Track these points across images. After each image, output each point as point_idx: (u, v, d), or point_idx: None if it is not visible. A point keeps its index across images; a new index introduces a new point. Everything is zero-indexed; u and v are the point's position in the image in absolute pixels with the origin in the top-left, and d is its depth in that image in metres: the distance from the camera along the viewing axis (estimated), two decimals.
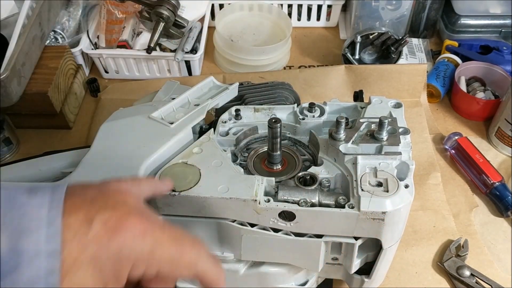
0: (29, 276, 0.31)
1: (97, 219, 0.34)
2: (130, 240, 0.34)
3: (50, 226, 0.32)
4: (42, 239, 0.32)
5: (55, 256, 0.32)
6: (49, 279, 0.31)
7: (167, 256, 0.36)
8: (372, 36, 1.02)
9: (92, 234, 0.33)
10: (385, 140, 0.54)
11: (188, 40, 1.01)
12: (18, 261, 0.31)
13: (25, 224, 0.32)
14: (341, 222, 0.50)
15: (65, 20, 1.02)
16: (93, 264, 0.33)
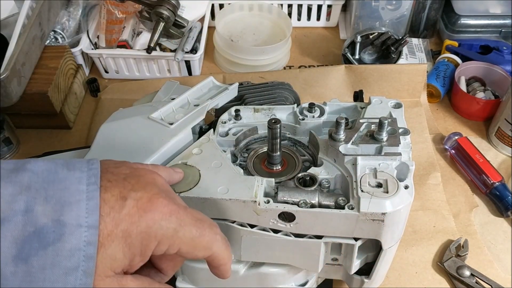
0: (71, 246, 0.33)
1: (131, 198, 0.36)
2: (158, 220, 0.37)
3: (90, 200, 0.35)
4: (82, 212, 0.34)
5: (94, 229, 0.34)
6: (87, 250, 0.34)
7: (189, 236, 0.38)
8: (372, 36, 1.02)
9: (126, 211, 0.36)
10: (385, 140, 0.53)
11: (188, 40, 1.01)
12: (62, 232, 0.33)
13: (67, 198, 0.34)
14: (341, 223, 0.50)
15: (65, 20, 1.02)
16: (124, 239, 0.35)
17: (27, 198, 0.33)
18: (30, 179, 0.35)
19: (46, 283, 0.33)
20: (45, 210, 0.34)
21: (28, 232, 0.33)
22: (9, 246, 0.32)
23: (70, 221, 0.34)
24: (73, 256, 0.33)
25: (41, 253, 0.33)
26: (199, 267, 0.61)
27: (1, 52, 0.82)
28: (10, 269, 0.32)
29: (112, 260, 0.35)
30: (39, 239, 0.33)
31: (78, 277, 0.34)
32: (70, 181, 0.35)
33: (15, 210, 0.33)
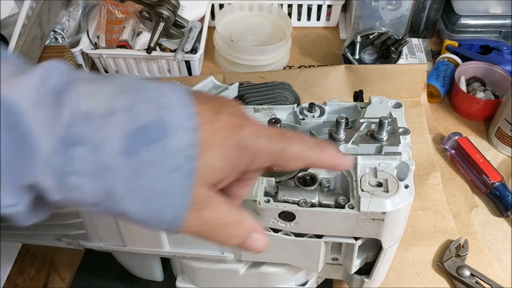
0: (174, 146, 0.34)
1: (224, 112, 0.37)
2: (251, 134, 0.37)
3: (186, 107, 0.35)
4: (181, 116, 0.34)
5: (194, 132, 0.35)
6: (190, 151, 0.34)
7: (279, 149, 0.39)
8: (372, 36, 1.02)
9: (220, 124, 0.36)
10: (385, 140, 0.53)
11: (188, 40, 1.01)
12: (165, 132, 0.34)
13: (164, 102, 0.35)
14: (341, 223, 0.50)
15: (65, 20, 1.02)
16: (221, 149, 0.36)
17: (127, 97, 0.34)
18: (125, 82, 0.35)
19: (152, 179, 0.34)
20: (147, 110, 0.34)
21: (133, 127, 0.33)
22: (115, 139, 0.33)
23: (172, 122, 0.34)
24: (176, 155, 0.34)
25: (148, 148, 0.33)
26: (200, 266, 0.62)
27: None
28: (117, 161, 0.33)
29: (211, 168, 0.36)
30: (144, 135, 0.33)
31: (180, 177, 0.34)
32: (163, 90, 0.36)
33: (118, 106, 0.33)
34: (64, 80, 0.33)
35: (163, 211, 0.35)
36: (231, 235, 0.40)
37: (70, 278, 0.75)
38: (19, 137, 0.31)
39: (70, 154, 0.32)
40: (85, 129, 0.32)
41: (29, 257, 0.77)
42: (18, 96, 0.31)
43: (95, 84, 0.34)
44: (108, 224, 0.58)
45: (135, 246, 0.60)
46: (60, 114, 0.32)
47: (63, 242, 0.66)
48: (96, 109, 0.33)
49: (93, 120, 0.32)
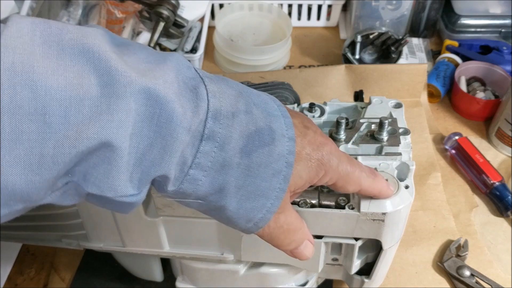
0: (278, 151, 0.37)
1: (311, 129, 0.40)
2: (328, 152, 0.40)
3: (285, 118, 0.38)
4: (283, 125, 0.38)
5: (293, 141, 0.38)
6: (289, 158, 0.37)
7: (345, 172, 0.42)
8: (372, 36, 1.02)
9: (308, 138, 0.39)
10: (385, 140, 0.53)
11: (188, 40, 1.01)
12: (273, 137, 0.37)
13: (269, 110, 0.38)
14: (341, 223, 0.50)
15: (65, 20, 1.02)
16: (307, 162, 0.39)
17: (244, 100, 0.36)
18: (238, 86, 0.37)
19: (257, 180, 0.36)
20: (259, 115, 0.37)
21: (251, 130, 0.36)
22: (238, 139, 0.35)
23: (277, 129, 0.37)
24: (279, 160, 0.37)
25: (260, 151, 0.36)
26: (200, 267, 0.62)
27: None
28: (236, 160, 0.35)
29: (298, 177, 0.39)
30: (259, 138, 0.36)
31: (279, 181, 0.37)
32: (264, 97, 0.39)
33: (240, 109, 0.36)
34: (193, 75, 0.35)
35: (257, 210, 0.38)
36: (292, 240, 0.43)
37: (70, 278, 0.75)
38: (160, 127, 0.32)
39: (199, 148, 0.34)
40: (216, 126, 0.34)
41: (29, 257, 0.77)
42: (163, 87, 0.32)
43: (218, 84, 0.36)
44: (108, 224, 0.58)
45: (135, 247, 0.60)
46: (198, 107, 0.33)
47: (63, 242, 0.66)
48: (225, 109, 0.35)
49: (223, 119, 0.34)
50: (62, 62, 0.29)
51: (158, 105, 0.32)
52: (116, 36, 0.34)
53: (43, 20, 0.30)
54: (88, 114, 0.29)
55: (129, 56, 0.32)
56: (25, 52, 0.28)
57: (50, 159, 0.28)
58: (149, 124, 0.32)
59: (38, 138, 0.28)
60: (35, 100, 0.27)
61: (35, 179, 0.29)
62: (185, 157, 0.34)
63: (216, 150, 0.34)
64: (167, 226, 0.56)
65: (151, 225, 0.55)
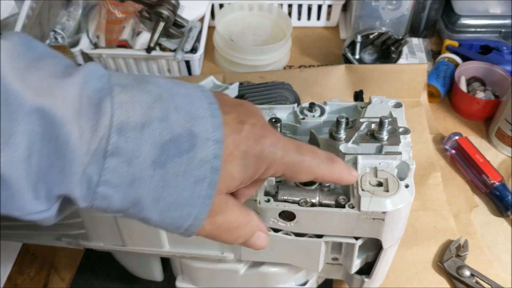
0: (201, 157, 0.35)
1: (247, 122, 0.38)
2: (269, 145, 0.38)
3: (214, 117, 0.36)
4: (209, 127, 0.35)
5: (219, 143, 0.36)
6: (214, 163, 0.35)
7: (292, 162, 0.40)
8: (372, 36, 1.02)
9: (244, 134, 0.37)
10: (385, 140, 0.53)
11: (188, 40, 1.01)
12: (194, 142, 0.35)
13: (194, 111, 0.35)
14: (341, 222, 0.50)
15: (65, 20, 1.02)
16: (242, 160, 0.37)
17: (161, 106, 0.34)
18: (159, 89, 0.35)
19: (177, 190, 0.35)
20: (179, 120, 0.34)
21: (166, 139, 0.34)
22: (149, 151, 0.33)
23: (200, 133, 0.35)
24: (202, 167, 0.35)
25: (177, 160, 0.34)
26: (199, 266, 0.61)
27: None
28: (148, 173, 0.34)
29: (230, 178, 0.37)
30: (175, 147, 0.34)
31: (204, 188, 0.35)
32: (193, 97, 0.36)
33: (153, 117, 0.34)
34: (102, 86, 0.33)
35: (183, 219, 0.36)
36: (238, 236, 0.41)
37: (70, 278, 0.75)
38: (58, 148, 0.31)
39: (104, 165, 0.32)
40: (121, 140, 0.32)
41: (29, 257, 0.77)
42: (61, 107, 0.31)
43: (131, 91, 0.34)
44: (108, 223, 0.58)
45: (135, 246, 0.60)
46: (98, 125, 0.32)
47: (63, 241, 0.66)
48: (132, 120, 0.33)
49: (129, 132, 0.33)
50: None
51: (55, 126, 0.31)
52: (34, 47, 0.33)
53: None
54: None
55: (34, 72, 0.31)
56: None
57: None
58: (48, 144, 0.31)
59: None
60: None
61: None
62: (90, 176, 0.32)
63: (123, 165, 0.33)
64: None
65: None
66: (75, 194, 0.33)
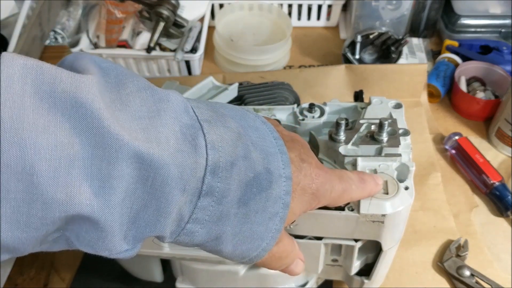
0: (276, 194, 0.36)
1: (306, 161, 0.40)
2: (323, 183, 0.40)
3: (282, 154, 0.37)
4: (280, 164, 0.37)
5: (290, 180, 0.37)
6: (286, 199, 0.37)
7: (336, 195, 0.42)
8: (372, 36, 1.02)
9: (304, 172, 0.39)
10: (385, 141, 0.53)
11: (188, 40, 1.01)
12: (271, 180, 0.36)
13: (267, 147, 0.37)
14: (340, 225, 0.50)
15: (65, 20, 1.02)
16: (301, 196, 0.39)
17: (242, 144, 0.35)
18: (236, 124, 0.36)
19: (254, 225, 0.36)
20: (258, 157, 0.35)
21: (249, 177, 0.35)
22: (236, 189, 0.34)
23: (274, 170, 0.36)
24: (276, 203, 0.36)
25: (258, 197, 0.35)
26: (199, 268, 0.62)
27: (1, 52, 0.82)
28: (234, 210, 0.34)
29: (292, 213, 0.38)
30: (257, 185, 0.35)
31: (275, 223, 0.37)
32: (262, 131, 0.37)
33: (238, 155, 0.34)
34: (192, 122, 0.33)
35: (252, 250, 0.37)
36: (283, 263, 0.43)
37: (70, 278, 0.75)
38: (154, 190, 0.31)
39: (197, 204, 0.33)
40: (214, 180, 0.33)
41: (29, 257, 0.77)
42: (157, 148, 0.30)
43: (217, 129, 0.34)
44: None
45: None
46: (196, 165, 0.32)
47: None
48: (224, 160, 0.33)
49: (221, 171, 0.33)
50: (53, 119, 0.27)
51: (152, 169, 0.30)
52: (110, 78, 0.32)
53: (35, 63, 0.28)
54: (79, 176, 0.28)
55: (122, 111, 0.30)
56: (15, 106, 0.26)
57: (38, 220, 0.28)
58: (143, 186, 0.30)
59: (25, 198, 0.27)
60: (23, 159, 0.26)
61: (22, 236, 0.28)
62: (182, 214, 0.33)
63: (214, 204, 0.33)
64: None
65: None
66: (166, 233, 0.33)
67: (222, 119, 0.35)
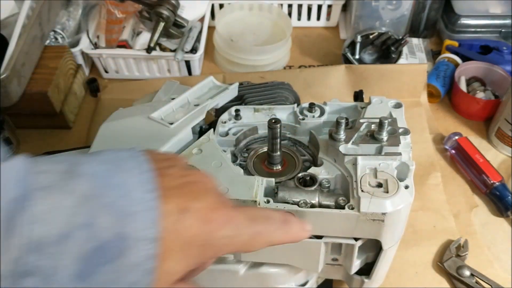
0: (133, 261, 0.31)
1: (192, 209, 0.35)
2: (217, 230, 0.36)
3: (149, 211, 0.32)
4: (143, 224, 0.32)
5: (154, 242, 0.32)
6: (147, 265, 0.32)
7: (245, 240, 0.38)
8: (372, 36, 1.02)
9: (187, 223, 0.34)
10: (385, 140, 0.53)
11: (188, 40, 1.01)
12: (124, 246, 0.31)
13: (127, 207, 0.32)
14: (341, 223, 0.50)
15: (65, 20, 1.02)
16: (184, 252, 0.34)
17: (86, 209, 0.31)
18: (89, 186, 0.31)
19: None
20: (107, 222, 0.31)
21: (91, 248, 0.30)
22: (70, 264, 0.30)
23: (132, 233, 0.31)
24: (134, 271, 0.32)
25: (104, 269, 0.31)
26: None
27: (1, 52, 0.82)
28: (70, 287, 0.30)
29: (171, 274, 0.34)
30: (102, 255, 0.30)
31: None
32: (127, 187, 0.33)
33: (76, 224, 0.30)
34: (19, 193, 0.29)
35: None
36: None
37: None
38: None
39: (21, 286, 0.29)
40: (37, 259, 0.29)
41: None
42: None
43: (53, 196, 0.30)
44: None
45: None
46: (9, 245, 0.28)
47: None
48: (51, 234, 0.29)
49: (46, 248, 0.29)
50: None
51: None
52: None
53: None
54: None
55: None
56: None
57: None
58: None
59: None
60: None
61: None
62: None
63: (41, 284, 0.29)
64: None
65: None
66: None
67: (71, 182, 0.31)
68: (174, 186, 0.36)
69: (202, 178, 0.39)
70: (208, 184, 0.39)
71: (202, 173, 0.40)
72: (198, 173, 0.40)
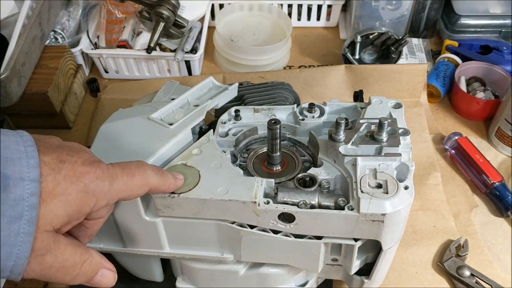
0: (15, 196, 0.36)
1: (68, 161, 0.40)
2: (93, 179, 0.40)
3: (30, 159, 0.37)
4: (24, 168, 0.37)
5: (36, 182, 0.37)
6: (31, 200, 0.36)
7: (123, 184, 0.43)
8: (372, 36, 1.02)
9: (64, 172, 0.39)
10: (385, 141, 0.53)
11: (188, 40, 1.01)
12: (6, 184, 0.36)
13: (8, 155, 0.37)
14: (340, 224, 0.50)
15: (65, 20, 1.02)
16: (65, 197, 0.39)
17: None
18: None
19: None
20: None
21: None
22: None
23: (13, 174, 0.36)
24: (17, 206, 0.36)
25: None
26: (199, 267, 0.62)
27: (1, 52, 0.82)
28: None
29: (53, 215, 0.38)
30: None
31: (22, 226, 0.36)
32: (8, 142, 0.38)
33: None
34: None
35: (5, 259, 0.36)
36: (75, 275, 0.42)
37: None
38: None
39: None
40: None
41: None
42: None
43: None
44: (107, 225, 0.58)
45: (135, 248, 0.60)
46: None
47: None
48: None
49: None
50: None
51: None
52: None
53: None
54: None
55: None
56: None
57: None
58: None
59: None
60: None
61: None
62: None
63: None
64: (167, 227, 0.56)
65: (151, 226, 0.55)
66: None
67: None
68: (51, 146, 0.41)
69: (77, 144, 0.44)
70: (82, 147, 0.44)
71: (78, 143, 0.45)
72: (74, 143, 0.44)
